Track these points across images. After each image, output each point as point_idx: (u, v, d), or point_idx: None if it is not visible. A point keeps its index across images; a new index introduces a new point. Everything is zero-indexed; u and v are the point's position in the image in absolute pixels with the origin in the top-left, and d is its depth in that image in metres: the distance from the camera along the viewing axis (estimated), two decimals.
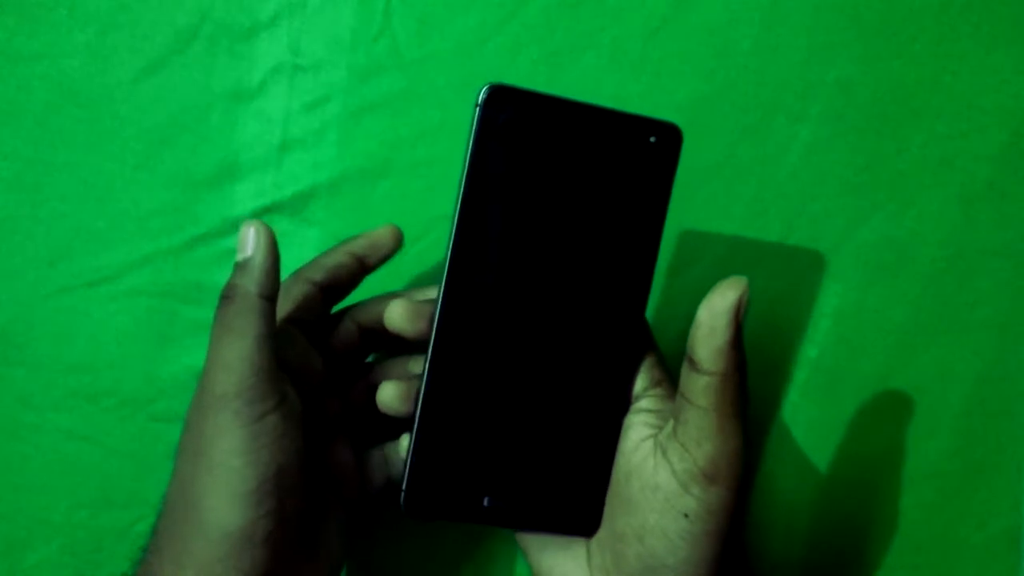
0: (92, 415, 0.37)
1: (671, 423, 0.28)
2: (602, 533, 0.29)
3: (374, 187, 0.38)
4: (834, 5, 0.38)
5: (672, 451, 0.27)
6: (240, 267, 0.29)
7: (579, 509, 0.29)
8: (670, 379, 0.30)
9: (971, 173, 0.38)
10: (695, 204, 0.38)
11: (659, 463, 0.27)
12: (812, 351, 0.37)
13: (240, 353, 0.27)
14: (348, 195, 0.38)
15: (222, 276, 0.37)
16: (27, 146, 0.37)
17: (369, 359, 0.36)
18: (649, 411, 0.29)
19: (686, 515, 0.27)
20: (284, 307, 0.31)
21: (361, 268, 0.32)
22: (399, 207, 0.38)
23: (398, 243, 0.33)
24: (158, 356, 0.37)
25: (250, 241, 0.29)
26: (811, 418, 0.37)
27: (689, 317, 0.38)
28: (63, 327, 0.37)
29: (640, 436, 0.29)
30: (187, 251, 0.38)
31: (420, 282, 0.37)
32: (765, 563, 0.37)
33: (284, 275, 0.38)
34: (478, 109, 0.27)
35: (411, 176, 0.38)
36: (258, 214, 0.38)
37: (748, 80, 0.38)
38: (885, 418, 0.37)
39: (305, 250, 0.38)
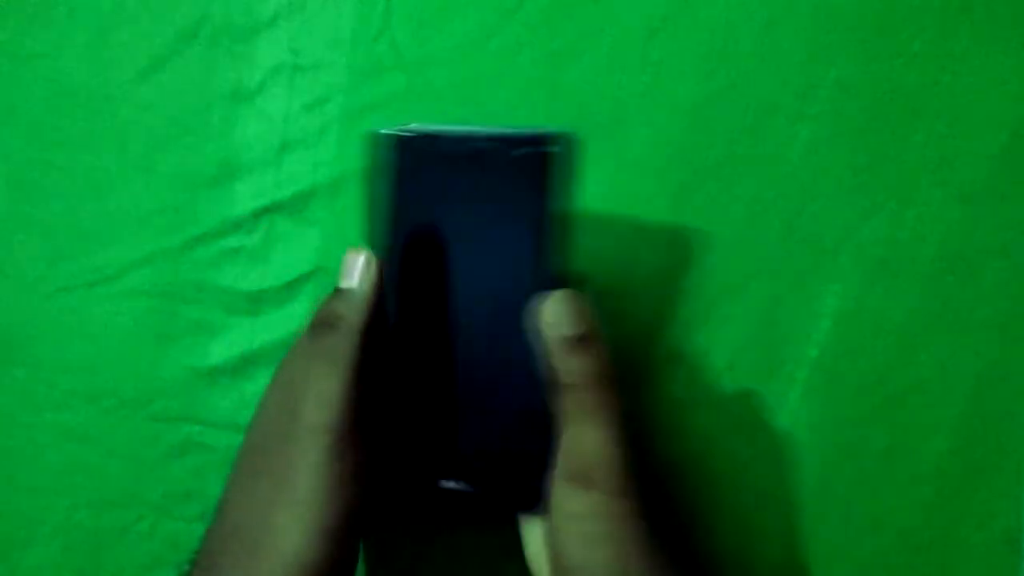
0: (92, 415, 0.37)
1: None
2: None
3: None
4: (834, 5, 0.38)
5: (562, 463, 0.28)
6: (344, 295, 0.29)
7: (522, 487, 0.30)
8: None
9: (971, 173, 0.38)
10: (695, 204, 0.38)
11: (556, 476, 0.28)
12: (812, 351, 0.37)
13: (340, 388, 0.27)
14: (348, 195, 0.38)
15: (222, 276, 0.38)
16: (27, 146, 0.37)
17: None
18: None
19: (573, 517, 0.27)
20: None
21: None
22: None
23: None
24: (158, 356, 0.37)
25: (358, 270, 0.29)
26: (811, 418, 0.37)
27: (688, 318, 0.38)
28: (63, 327, 0.37)
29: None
30: (187, 251, 0.38)
31: None
32: (763, 564, 0.37)
33: (284, 277, 0.38)
34: (375, 154, 0.29)
35: None
36: (258, 214, 0.38)
37: (748, 80, 0.38)
38: (885, 418, 0.37)
39: (305, 250, 0.38)
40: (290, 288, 0.38)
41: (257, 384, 0.37)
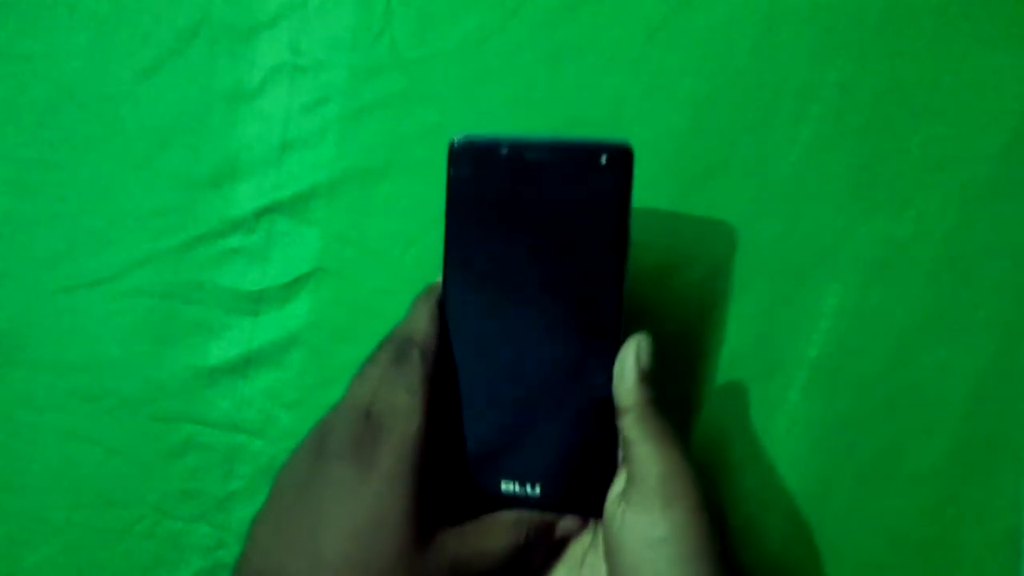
0: (92, 415, 0.37)
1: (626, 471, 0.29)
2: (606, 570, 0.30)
3: (374, 187, 0.38)
4: (834, 5, 0.38)
5: (630, 491, 0.29)
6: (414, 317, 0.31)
7: (585, 493, 0.31)
8: None
9: (971, 173, 0.38)
10: (695, 204, 0.38)
11: (625, 509, 0.29)
12: (812, 351, 0.37)
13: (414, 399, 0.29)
14: (348, 195, 0.38)
15: (222, 276, 0.38)
16: (27, 146, 0.37)
17: None
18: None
19: (655, 542, 0.28)
20: None
21: None
22: (399, 207, 0.38)
23: None
24: (158, 356, 0.37)
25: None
26: (811, 418, 0.37)
27: (689, 317, 0.38)
28: (63, 327, 0.37)
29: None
30: (187, 251, 0.38)
31: (419, 283, 0.37)
32: (763, 564, 0.37)
33: (282, 276, 0.38)
34: (449, 159, 0.30)
35: (411, 176, 0.38)
36: (258, 214, 0.38)
37: (748, 80, 0.38)
38: (885, 418, 0.37)
39: (305, 250, 0.38)
40: (290, 288, 0.38)
41: (257, 384, 0.38)
